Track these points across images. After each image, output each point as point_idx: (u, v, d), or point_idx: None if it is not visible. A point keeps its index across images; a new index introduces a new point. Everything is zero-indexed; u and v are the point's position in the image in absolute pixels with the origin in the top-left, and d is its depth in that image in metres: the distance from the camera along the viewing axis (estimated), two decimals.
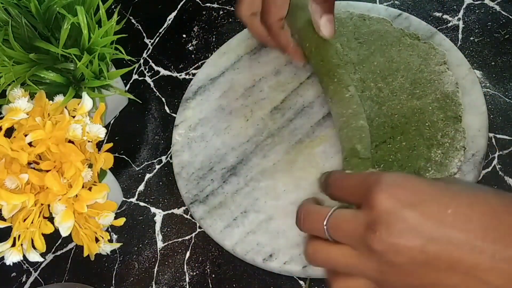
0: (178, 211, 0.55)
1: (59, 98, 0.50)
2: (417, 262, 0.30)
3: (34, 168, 0.47)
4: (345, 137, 0.47)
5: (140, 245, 0.54)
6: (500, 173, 0.49)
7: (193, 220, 0.54)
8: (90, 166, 0.49)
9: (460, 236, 0.29)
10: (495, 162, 0.50)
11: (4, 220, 0.46)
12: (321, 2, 0.49)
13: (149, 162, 0.59)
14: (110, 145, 0.53)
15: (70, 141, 0.47)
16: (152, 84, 0.65)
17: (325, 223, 0.34)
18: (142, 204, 0.57)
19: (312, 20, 0.50)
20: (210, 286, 0.50)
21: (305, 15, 0.51)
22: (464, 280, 0.29)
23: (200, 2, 0.70)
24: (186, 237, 0.53)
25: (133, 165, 0.60)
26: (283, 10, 0.50)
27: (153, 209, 0.56)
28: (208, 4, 0.70)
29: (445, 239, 0.29)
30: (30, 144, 0.46)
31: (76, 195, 0.46)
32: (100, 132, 0.48)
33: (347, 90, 0.49)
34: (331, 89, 0.50)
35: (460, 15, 0.59)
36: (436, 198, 0.30)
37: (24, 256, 0.46)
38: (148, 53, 0.68)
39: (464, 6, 0.59)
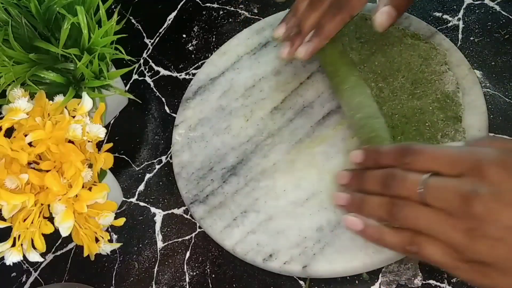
0: (178, 211, 0.55)
1: (59, 98, 0.50)
2: None
3: (34, 168, 0.47)
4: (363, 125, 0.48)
5: (140, 245, 0.54)
6: None
7: (193, 220, 0.54)
8: (90, 166, 0.49)
9: None
10: None
11: (4, 220, 0.46)
12: None
13: (149, 162, 0.59)
14: (110, 145, 0.53)
15: (70, 141, 0.47)
16: (152, 84, 0.65)
17: (420, 187, 0.36)
18: (142, 204, 0.57)
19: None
20: (210, 286, 0.50)
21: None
22: None
23: (200, 2, 0.70)
24: (186, 237, 0.53)
25: (133, 165, 0.60)
26: (359, 8, 0.50)
27: (153, 209, 0.56)
28: (208, 4, 0.70)
29: None
30: (30, 144, 0.46)
31: (76, 195, 0.46)
32: (100, 132, 0.48)
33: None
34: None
35: (460, 15, 0.59)
36: None
37: (24, 256, 0.46)
38: (148, 53, 0.68)
39: (464, 6, 0.59)
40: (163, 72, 0.66)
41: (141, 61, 0.68)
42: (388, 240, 0.39)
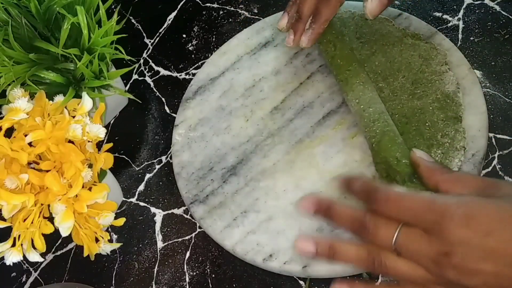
0: (178, 211, 0.55)
1: (59, 98, 0.50)
2: (489, 285, 0.32)
3: (34, 168, 0.47)
4: (379, 141, 0.47)
5: (140, 245, 0.54)
6: (500, 173, 0.49)
7: (193, 220, 0.54)
8: (90, 166, 0.49)
9: None
10: (495, 162, 0.50)
11: (4, 220, 0.46)
12: None
13: (149, 162, 0.59)
14: (110, 145, 0.53)
15: (70, 141, 0.47)
16: (152, 84, 0.65)
17: (393, 241, 0.35)
18: (142, 204, 0.57)
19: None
20: (210, 286, 0.50)
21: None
22: None
23: (200, 2, 0.70)
24: (186, 237, 0.53)
25: (133, 165, 0.60)
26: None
27: (153, 209, 0.56)
28: (208, 4, 0.70)
29: None
30: (30, 144, 0.46)
31: (76, 195, 0.46)
32: (100, 132, 0.48)
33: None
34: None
35: (460, 15, 0.59)
36: (508, 224, 0.32)
37: (24, 256, 0.46)
38: (148, 53, 0.68)
39: (464, 6, 0.59)
40: (163, 72, 0.66)
41: (141, 61, 0.67)
42: (350, 258, 0.38)
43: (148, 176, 0.59)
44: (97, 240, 0.49)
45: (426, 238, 0.34)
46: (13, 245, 0.46)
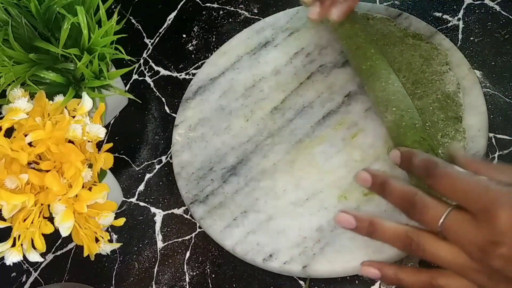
0: (178, 211, 0.55)
1: (59, 98, 0.50)
2: None
3: (34, 168, 0.47)
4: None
5: (140, 245, 0.54)
6: None
7: (193, 220, 0.54)
8: (90, 166, 0.49)
9: None
10: (495, 162, 0.50)
11: (4, 220, 0.46)
12: None
13: (149, 162, 0.59)
14: (110, 145, 0.53)
15: (70, 141, 0.47)
16: (152, 84, 0.65)
17: (440, 222, 0.35)
18: (142, 204, 0.57)
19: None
20: (210, 286, 0.50)
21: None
22: None
23: (200, 2, 0.70)
24: (186, 237, 0.53)
25: (133, 165, 0.60)
26: None
27: (153, 209, 0.56)
28: (208, 4, 0.70)
29: None
30: (30, 144, 0.46)
31: (76, 195, 0.46)
32: (100, 132, 0.48)
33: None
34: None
35: (460, 15, 0.59)
36: None
37: (24, 256, 0.46)
38: (148, 53, 0.68)
39: (464, 6, 0.59)
40: (163, 72, 0.66)
41: (141, 61, 0.67)
42: (406, 281, 0.38)
43: (148, 176, 0.59)
44: (97, 240, 0.49)
45: (475, 223, 0.33)
46: (13, 245, 0.46)
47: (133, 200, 0.57)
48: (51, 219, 0.46)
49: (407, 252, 0.39)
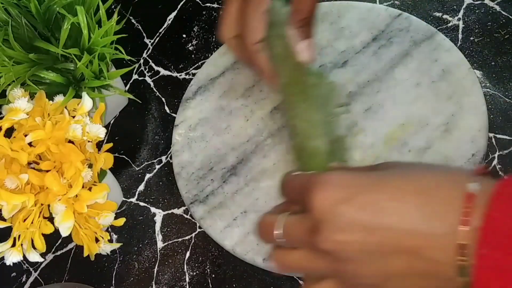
0: (178, 211, 0.55)
1: (59, 98, 0.50)
2: (363, 253, 0.31)
3: (34, 168, 0.47)
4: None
5: (140, 245, 0.54)
6: (500, 173, 0.50)
7: (193, 220, 0.54)
8: (90, 166, 0.49)
9: (396, 221, 0.30)
10: (495, 162, 0.50)
11: (4, 220, 0.46)
12: (299, 27, 0.47)
13: (149, 162, 0.59)
14: (110, 145, 0.53)
15: (70, 141, 0.47)
16: (152, 84, 0.65)
17: (276, 231, 0.35)
18: (142, 204, 0.57)
19: (289, 46, 0.47)
20: (210, 286, 0.50)
21: (281, 41, 0.48)
22: (412, 261, 0.30)
23: (200, 2, 0.70)
24: (186, 237, 0.53)
25: (133, 165, 0.60)
26: (258, 34, 0.46)
27: (153, 209, 0.56)
28: (208, 4, 0.70)
29: (383, 227, 0.30)
30: (30, 144, 0.46)
31: (76, 195, 0.46)
32: (100, 132, 0.48)
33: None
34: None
35: (460, 15, 0.59)
36: (369, 189, 0.31)
37: (24, 256, 0.46)
38: (148, 53, 0.68)
39: (464, 6, 0.59)
40: (163, 72, 0.66)
41: (141, 61, 0.67)
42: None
43: (148, 176, 0.59)
44: (97, 240, 0.49)
45: (301, 218, 0.33)
46: (13, 245, 0.46)
47: (133, 200, 0.57)
48: (51, 219, 0.46)
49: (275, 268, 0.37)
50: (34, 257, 0.47)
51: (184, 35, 0.68)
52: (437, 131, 0.50)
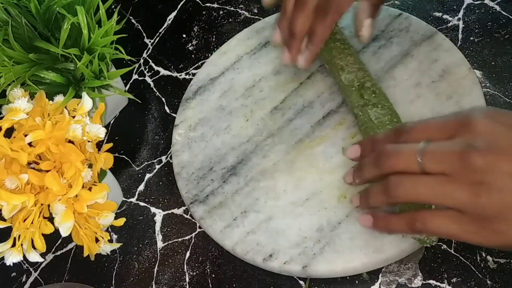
0: (178, 211, 0.55)
1: (59, 98, 0.50)
2: None
3: (34, 168, 0.47)
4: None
5: (140, 245, 0.54)
6: None
7: (193, 220, 0.54)
8: (90, 166, 0.49)
9: None
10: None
11: (4, 220, 0.46)
12: (371, 5, 0.49)
13: (149, 162, 0.59)
14: (110, 145, 0.53)
15: (70, 141, 0.47)
16: (152, 84, 0.65)
17: (419, 155, 0.36)
18: (142, 204, 0.57)
19: (355, 18, 0.51)
20: (210, 286, 0.50)
21: None
22: None
23: (200, 2, 0.70)
24: (186, 237, 0.53)
25: (133, 165, 0.60)
26: (347, 7, 0.48)
27: (153, 209, 0.56)
28: (208, 4, 0.70)
29: None
30: (30, 144, 0.46)
31: (76, 195, 0.46)
32: (100, 132, 0.48)
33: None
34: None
35: (460, 15, 0.59)
36: None
37: (24, 256, 0.46)
38: (148, 53, 0.68)
39: (464, 6, 0.59)
40: (163, 72, 0.66)
41: (141, 61, 0.68)
42: (394, 225, 0.40)
43: (148, 176, 0.59)
44: (97, 240, 0.49)
45: (452, 141, 0.35)
46: (13, 245, 0.46)
47: (133, 200, 0.57)
48: (51, 219, 0.46)
49: (393, 202, 0.39)
50: (34, 257, 0.47)
51: (184, 35, 0.68)
52: None
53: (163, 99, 0.64)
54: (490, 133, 0.33)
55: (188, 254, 0.52)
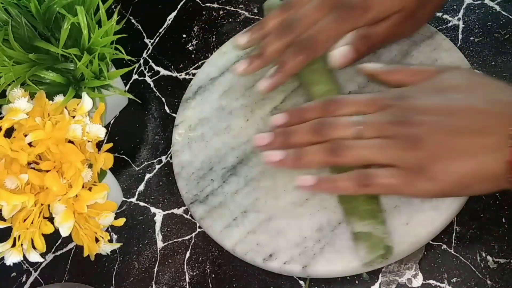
0: (178, 211, 0.55)
1: (59, 98, 0.50)
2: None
3: (34, 168, 0.47)
4: None
5: (140, 245, 0.54)
6: None
7: (193, 220, 0.54)
8: (90, 166, 0.49)
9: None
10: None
11: (4, 220, 0.46)
12: (359, 37, 0.49)
13: (149, 162, 0.59)
14: (110, 145, 0.53)
15: (70, 141, 0.47)
16: (152, 84, 0.65)
17: (356, 126, 0.42)
18: (142, 204, 0.57)
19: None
20: (210, 286, 0.50)
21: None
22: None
23: (200, 2, 0.70)
24: (186, 237, 0.53)
25: (133, 165, 0.60)
26: (322, 51, 0.50)
27: (153, 209, 0.56)
28: (208, 4, 0.70)
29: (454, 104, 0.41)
30: (30, 144, 0.46)
31: (76, 195, 0.46)
32: (100, 132, 0.48)
33: None
34: None
35: (460, 15, 0.59)
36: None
37: (24, 256, 0.46)
38: (148, 53, 0.68)
39: (464, 6, 0.59)
40: (163, 72, 0.66)
41: (141, 61, 0.68)
42: (341, 184, 0.42)
43: (148, 176, 0.59)
44: (97, 240, 0.49)
45: (383, 113, 0.42)
46: (13, 245, 0.46)
47: (133, 200, 0.57)
48: (51, 219, 0.46)
49: (333, 163, 0.44)
50: (34, 257, 0.47)
51: (184, 35, 0.68)
52: None
53: (163, 99, 0.64)
54: (415, 104, 0.41)
55: (188, 254, 0.52)
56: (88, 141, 0.48)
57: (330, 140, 0.43)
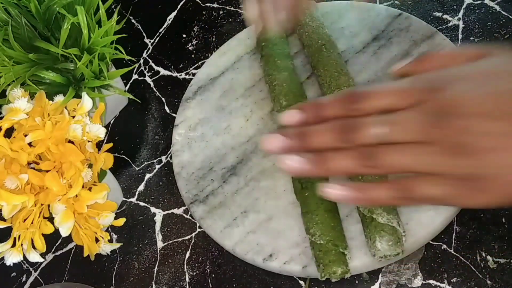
0: (178, 211, 0.55)
1: (59, 98, 0.50)
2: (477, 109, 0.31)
3: (34, 168, 0.47)
4: None
5: (140, 245, 0.54)
6: None
7: (193, 220, 0.54)
8: (90, 166, 0.49)
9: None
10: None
11: (4, 220, 0.46)
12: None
13: (149, 162, 0.59)
14: (110, 145, 0.53)
15: (70, 141, 0.47)
16: (152, 84, 0.65)
17: (384, 127, 0.34)
18: (142, 204, 0.57)
19: None
20: (210, 286, 0.50)
21: None
22: None
23: (200, 2, 0.70)
24: (186, 237, 0.53)
25: (133, 165, 0.60)
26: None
27: (153, 209, 0.56)
28: (208, 4, 0.70)
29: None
30: (30, 144, 0.46)
31: (76, 195, 0.46)
32: (100, 132, 0.48)
33: None
34: None
35: (460, 15, 0.59)
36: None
37: (24, 256, 0.46)
38: (148, 53, 0.68)
39: (464, 6, 0.59)
40: (163, 72, 0.66)
41: (141, 61, 0.68)
42: (379, 195, 0.34)
43: (148, 176, 0.59)
44: (97, 240, 0.49)
45: (419, 109, 0.33)
46: (13, 245, 0.46)
47: (133, 200, 0.57)
48: (51, 219, 0.46)
49: (362, 173, 0.35)
50: (34, 257, 0.47)
51: (184, 35, 0.68)
52: None
53: (163, 99, 0.64)
54: (458, 98, 0.32)
55: (188, 254, 0.52)
56: (88, 141, 0.48)
57: (359, 145, 0.34)
